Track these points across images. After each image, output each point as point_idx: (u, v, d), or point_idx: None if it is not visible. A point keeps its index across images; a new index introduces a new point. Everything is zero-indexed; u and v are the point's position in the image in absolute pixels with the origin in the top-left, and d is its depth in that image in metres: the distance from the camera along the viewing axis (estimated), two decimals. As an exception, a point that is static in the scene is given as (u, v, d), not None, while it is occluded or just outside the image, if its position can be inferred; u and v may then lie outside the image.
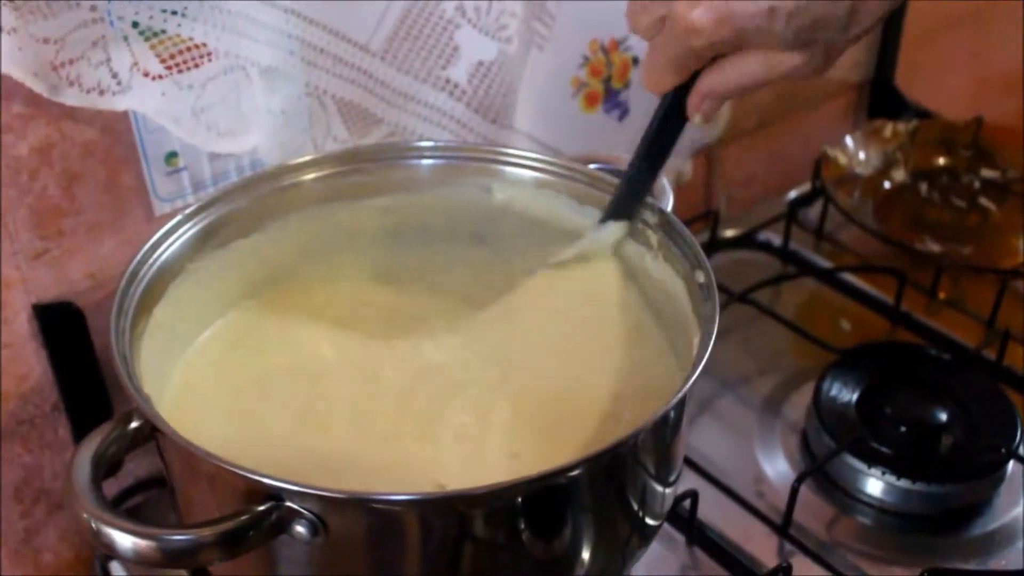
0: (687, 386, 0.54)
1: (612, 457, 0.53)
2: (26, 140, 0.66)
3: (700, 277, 0.62)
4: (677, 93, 0.61)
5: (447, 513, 0.50)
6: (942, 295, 0.94)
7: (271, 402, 0.65)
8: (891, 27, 1.13)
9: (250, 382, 0.66)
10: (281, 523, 0.50)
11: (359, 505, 0.50)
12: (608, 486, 0.55)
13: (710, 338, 0.57)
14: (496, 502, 0.50)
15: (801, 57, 0.56)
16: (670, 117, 0.63)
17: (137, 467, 0.79)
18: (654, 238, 0.67)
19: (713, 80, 0.59)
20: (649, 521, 0.60)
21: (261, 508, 0.49)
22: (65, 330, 0.72)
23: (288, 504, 0.49)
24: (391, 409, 0.64)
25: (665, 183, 0.71)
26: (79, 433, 0.75)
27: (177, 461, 0.56)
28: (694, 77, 0.60)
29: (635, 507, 0.58)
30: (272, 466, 0.59)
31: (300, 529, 0.50)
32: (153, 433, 0.54)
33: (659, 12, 0.57)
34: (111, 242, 0.73)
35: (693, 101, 0.61)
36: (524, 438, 0.62)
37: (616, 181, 0.69)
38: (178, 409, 0.63)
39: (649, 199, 0.68)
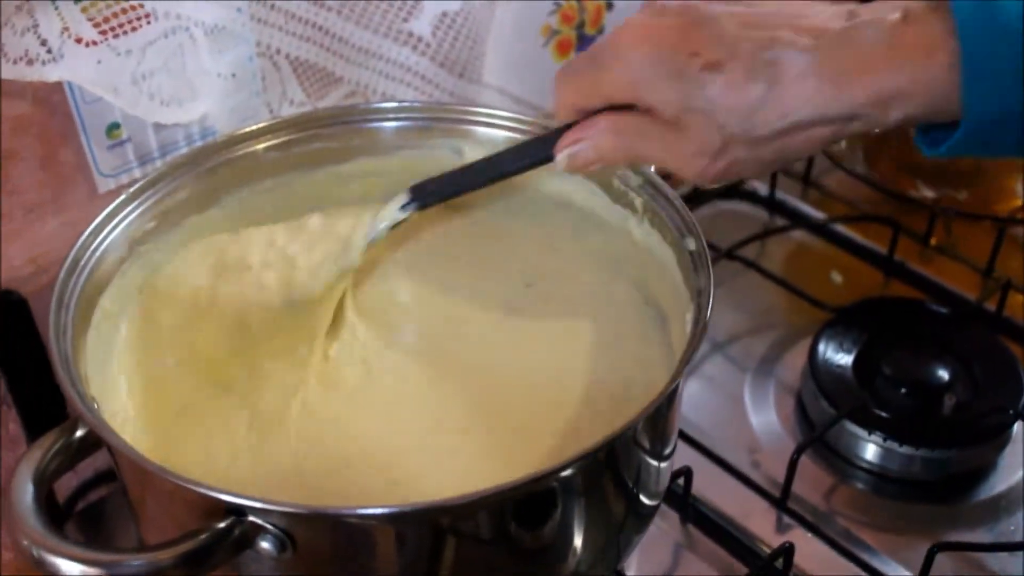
0: (684, 369, 0.50)
1: (608, 451, 0.49)
2: (-51, 118, 0.61)
3: (691, 245, 0.58)
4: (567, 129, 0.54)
5: (427, 524, 0.46)
6: (934, 241, 0.90)
7: (231, 391, 0.60)
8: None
9: (210, 375, 0.61)
10: (245, 539, 0.46)
11: (328, 519, 0.45)
12: (602, 477, 0.51)
13: (706, 315, 0.52)
14: (480, 511, 0.46)
15: (704, 164, 0.51)
16: (537, 145, 0.56)
17: (95, 459, 0.74)
18: (638, 201, 0.63)
19: (610, 131, 0.52)
20: (645, 501, 0.57)
21: (222, 525, 0.45)
22: (8, 320, 0.67)
23: (251, 519, 0.45)
24: (357, 397, 0.60)
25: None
26: (30, 427, 0.70)
27: (129, 471, 0.51)
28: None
29: (631, 488, 0.54)
30: (235, 461, 0.56)
31: (266, 545, 0.46)
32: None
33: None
34: (53, 223, 0.68)
35: (570, 136, 0.54)
36: (488, 425, 0.58)
37: None
38: (131, 408, 0.58)
39: None
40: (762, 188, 0.96)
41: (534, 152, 0.57)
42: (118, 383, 0.59)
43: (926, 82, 0.47)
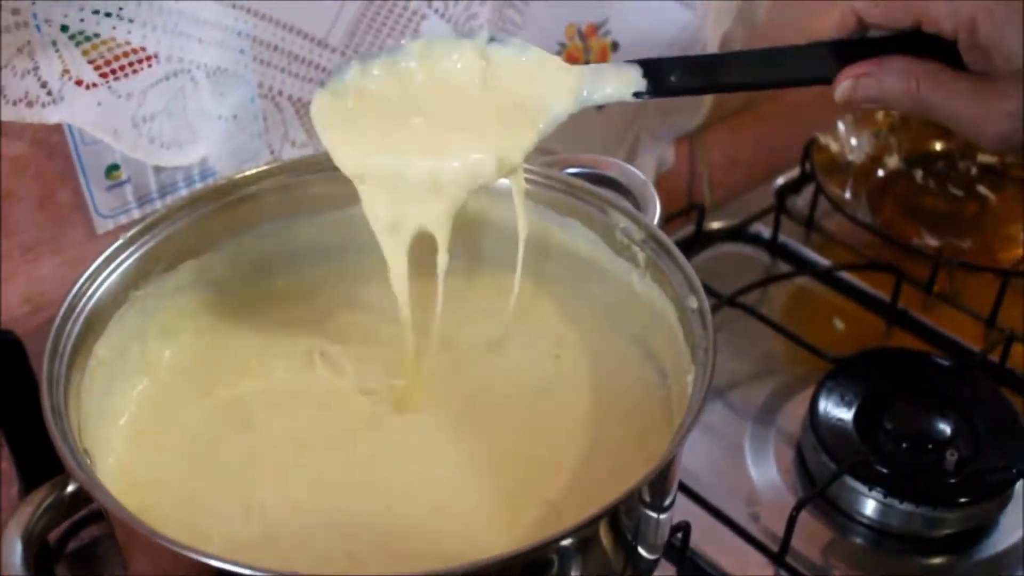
0: (685, 437, 0.49)
1: (611, 516, 0.48)
2: (-53, 158, 0.60)
3: (693, 303, 0.57)
4: (842, 50, 0.49)
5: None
6: (936, 288, 0.89)
7: (229, 443, 0.59)
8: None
9: (205, 422, 0.60)
10: (236, 603, 0.45)
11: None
12: (603, 538, 0.51)
13: (708, 379, 0.52)
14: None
15: (1015, 128, 0.46)
16: (807, 58, 0.50)
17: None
18: (640, 255, 0.62)
19: (906, 76, 0.47)
20: (645, 555, 0.56)
21: (213, 589, 0.44)
22: (2, 360, 0.66)
23: (243, 583, 0.44)
24: (357, 448, 0.60)
25: (653, 192, 0.66)
26: (24, 469, 0.70)
27: (121, 528, 0.50)
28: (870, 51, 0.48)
29: (630, 542, 0.53)
30: (233, 518, 0.55)
31: (257, 610, 0.45)
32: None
33: None
34: (49, 263, 0.67)
35: (859, 68, 0.48)
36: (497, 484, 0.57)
37: (593, 188, 0.64)
38: (126, 459, 0.57)
39: (633, 209, 0.63)
40: (765, 231, 0.95)
41: (806, 67, 0.51)
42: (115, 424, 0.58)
43: None
